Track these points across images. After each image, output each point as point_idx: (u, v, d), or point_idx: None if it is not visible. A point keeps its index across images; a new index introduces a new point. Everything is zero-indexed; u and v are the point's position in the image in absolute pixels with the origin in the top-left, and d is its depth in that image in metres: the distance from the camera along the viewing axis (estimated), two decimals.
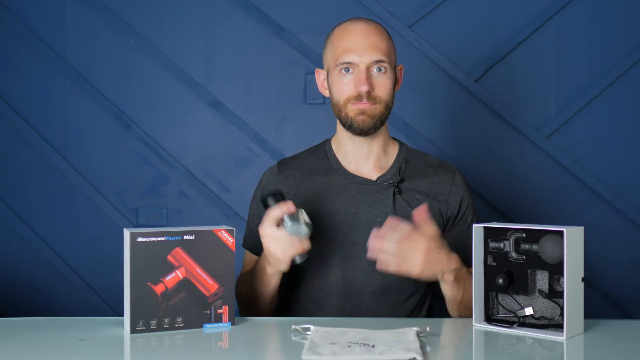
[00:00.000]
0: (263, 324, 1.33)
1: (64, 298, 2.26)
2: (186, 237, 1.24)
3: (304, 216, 1.34)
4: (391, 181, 1.52)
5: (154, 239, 1.22)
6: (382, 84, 1.47)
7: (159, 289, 1.22)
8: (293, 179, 1.56)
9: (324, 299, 1.51)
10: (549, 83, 2.14)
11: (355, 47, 1.46)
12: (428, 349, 1.13)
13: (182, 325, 1.24)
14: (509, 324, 1.26)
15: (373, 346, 1.10)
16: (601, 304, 2.12)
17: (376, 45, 1.46)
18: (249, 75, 2.23)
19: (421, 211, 1.32)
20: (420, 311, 1.55)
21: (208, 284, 1.25)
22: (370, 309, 1.49)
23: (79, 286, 2.26)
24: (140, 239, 1.21)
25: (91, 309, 2.24)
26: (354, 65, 1.46)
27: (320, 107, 2.18)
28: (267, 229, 1.34)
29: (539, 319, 1.25)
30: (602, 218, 2.12)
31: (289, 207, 1.32)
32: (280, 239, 1.33)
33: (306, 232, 1.33)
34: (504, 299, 1.29)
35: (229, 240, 1.27)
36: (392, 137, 1.60)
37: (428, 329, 1.20)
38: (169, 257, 1.23)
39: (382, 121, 1.49)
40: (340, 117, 1.50)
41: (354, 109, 1.47)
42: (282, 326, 1.30)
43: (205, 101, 2.23)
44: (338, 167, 1.55)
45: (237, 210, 2.22)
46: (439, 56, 2.16)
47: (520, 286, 1.27)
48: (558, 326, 1.22)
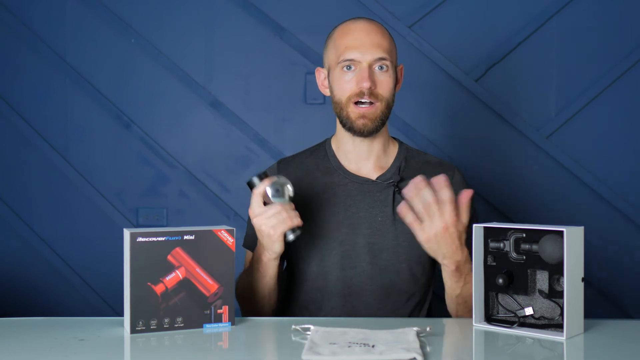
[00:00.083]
0: (263, 324, 1.33)
1: (64, 298, 2.26)
2: (186, 237, 1.24)
3: (289, 191, 1.36)
4: (391, 181, 1.52)
5: (154, 239, 1.22)
6: (383, 82, 1.47)
7: (159, 289, 1.22)
8: (293, 178, 1.56)
9: (323, 299, 1.51)
10: (549, 83, 2.14)
11: (357, 45, 1.46)
12: (428, 349, 1.13)
13: (182, 325, 1.24)
14: (509, 324, 1.26)
15: (373, 346, 1.10)
16: (601, 304, 2.12)
17: (378, 43, 1.46)
18: (249, 75, 2.23)
19: (466, 196, 1.30)
20: (420, 311, 1.55)
21: (208, 284, 1.25)
22: (370, 309, 1.49)
23: (79, 286, 2.26)
24: (140, 239, 1.21)
25: (91, 309, 2.24)
26: (356, 62, 1.46)
27: (320, 107, 2.18)
28: (256, 209, 1.35)
29: (539, 319, 1.25)
30: (602, 218, 2.12)
31: (271, 178, 1.36)
32: (269, 216, 1.34)
33: (288, 200, 1.37)
34: (504, 299, 1.29)
35: (229, 240, 1.27)
36: (392, 136, 1.61)
37: (428, 329, 1.20)
38: (169, 257, 1.23)
39: (382, 122, 1.49)
40: (341, 117, 1.50)
41: (355, 111, 1.47)
42: (282, 326, 1.30)
43: (205, 101, 2.23)
44: (338, 166, 1.55)
45: (237, 210, 2.22)
46: (439, 56, 2.16)
47: (520, 286, 1.27)
48: (558, 326, 1.22)
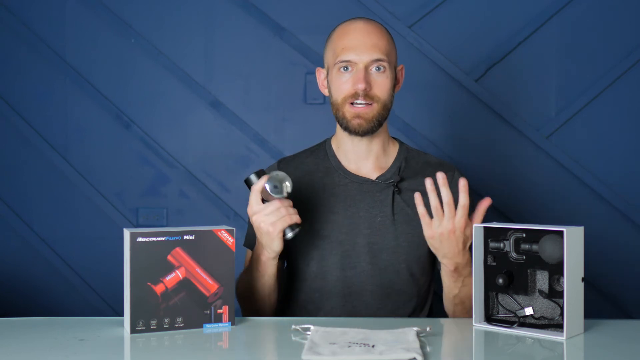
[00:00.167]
0: (263, 324, 1.33)
1: (64, 298, 2.26)
2: (186, 237, 1.24)
3: (287, 187, 1.35)
4: (391, 181, 1.52)
5: (154, 239, 1.22)
6: (380, 83, 1.46)
7: (159, 289, 1.22)
8: (293, 178, 1.55)
9: (323, 299, 1.51)
10: (549, 83, 2.14)
11: (354, 46, 1.46)
12: (428, 349, 1.13)
13: (182, 325, 1.24)
14: (509, 324, 1.26)
15: (373, 346, 1.10)
16: (601, 304, 2.12)
17: (375, 45, 1.46)
18: (249, 75, 2.23)
19: (484, 205, 1.31)
20: (420, 311, 1.55)
21: (208, 284, 1.25)
22: (370, 309, 1.49)
23: (79, 286, 2.26)
24: (140, 239, 1.21)
25: (91, 309, 2.24)
26: (352, 63, 1.46)
27: (320, 107, 2.18)
28: (254, 206, 1.35)
29: (539, 319, 1.25)
30: (602, 218, 2.12)
31: (268, 174, 1.35)
32: (268, 213, 1.34)
33: (286, 195, 1.36)
34: (504, 299, 1.29)
35: (229, 240, 1.27)
36: (393, 137, 1.60)
37: (428, 329, 1.20)
38: (169, 257, 1.23)
39: (379, 122, 1.48)
40: (338, 117, 1.51)
41: (350, 111, 1.47)
42: (282, 326, 1.30)
43: (205, 101, 2.23)
44: (338, 166, 1.55)
45: (237, 210, 2.22)
46: (439, 56, 2.16)
47: (520, 286, 1.27)
48: (558, 326, 1.22)
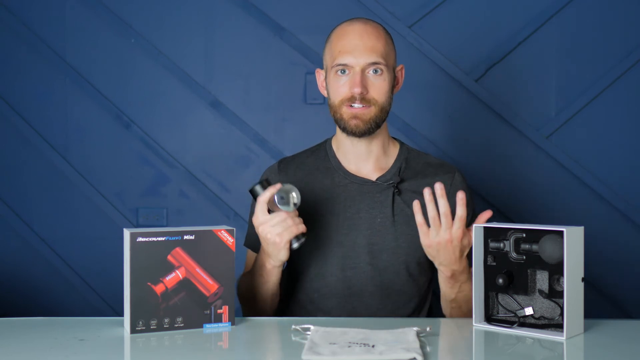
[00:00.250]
0: (263, 324, 1.33)
1: (64, 298, 2.26)
2: (186, 237, 1.24)
3: (294, 198, 1.35)
4: (391, 182, 1.52)
5: (154, 239, 1.22)
6: (377, 86, 1.46)
7: (159, 289, 1.22)
8: (293, 178, 1.56)
9: (323, 300, 1.51)
10: (549, 83, 2.14)
11: (351, 49, 1.45)
12: (428, 349, 1.13)
13: (182, 325, 1.24)
14: (509, 324, 1.26)
15: (373, 346, 1.10)
16: (601, 304, 2.12)
17: (372, 47, 1.45)
18: (249, 75, 2.23)
19: (485, 217, 1.31)
20: (420, 312, 1.55)
21: (208, 284, 1.25)
22: (370, 309, 1.49)
23: (79, 286, 2.26)
24: (140, 239, 1.21)
25: (91, 309, 2.24)
26: (349, 67, 1.46)
27: (320, 107, 2.18)
28: (260, 217, 1.35)
29: (539, 319, 1.25)
30: (602, 218, 2.12)
31: (275, 186, 1.34)
32: (274, 224, 1.34)
33: (293, 207, 1.35)
34: (504, 299, 1.29)
35: (229, 240, 1.27)
36: (393, 137, 1.60)
37: (428, 329, 1.20)
38: (169, 257, 1.23)
39: (377, 124, 1.48)
40: (336, 119, 1.51)
41: (347, 112, 1.47)
42: (282, 326, 1.30)
43: (205, 101, 2.23)
44: (338, 167, 1.55)
45: (237, 210, 2.22)
46: (439, 56, 2.16)
47: (520, 286, 1.27)
48: (558, 326, 1.22)
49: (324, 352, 1.07)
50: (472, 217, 1.54)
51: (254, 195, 1.38)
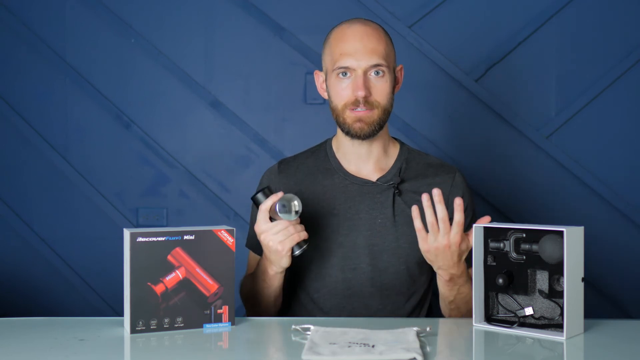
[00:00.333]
0: (263, 324, 1.33)
1: (64, 298, 2.26)
2: (186, 237, 1.24)
3: (295, 207, 1.34)
4: (391, 182, 1.52)
5: (154, 239, 1.22)
6: (380, 88, 1.46)
7: (159, 289, 1.22)
8: (294, 179, 1.56)
9: (323, 300, 1.51)
10: (549, 83, 2.14)
11: (352, 51, 1.44)
12: (428, 349, 1.13)
13: (182, 325, 1.24)
14: (509, 324, 1.26)
15: (373, 346, 1.10)
16: (601, 304, 2.12)
17: (373, 49, 1.45)
18: (249, 75, 2.23)
19: (484, 221, 1.31)
20: (420, 311, 1.55)
21: (208, 284, 1.25)
22: (370, 309, 1.49)
23: (79, 286, 2.26)
24: (140, 239, 1.21)
25: (91, 309, 2.24)
26: (351, 69, 1.45)
27: (320, 107, 2.18)
28: (262, 225, 1.36)
29: (539, 319, 1.25)
30: (602, 218, 2.12)
31: (277, 195, 1.34)
32: (276, 232, 1.34)
33: (295, 216, 1.35)
34: (504, 299, 1.29)
35: (229, 240, 1.27)
36: (393, 137, 1.60)
37: (428, 329, 1.20)
38: (169, 257, 1.23)
39: (380, 126, 1.48)
40: (339, 122, 1.50)
41: (351, 116, 1.46)
42: (282, 326, 1.30)
43: (205, 101, 2.23)
44: (338, 167, 1.55)
45: (237, 210, 2.22)
46: (439, 56, 2.16)
47: (520, 286, 1.27)
48: (558, 326, 1.22)
49: (324, 352, 1.07)
50: (472, 218, 1.55)
51: (256, 203, 1.38)
